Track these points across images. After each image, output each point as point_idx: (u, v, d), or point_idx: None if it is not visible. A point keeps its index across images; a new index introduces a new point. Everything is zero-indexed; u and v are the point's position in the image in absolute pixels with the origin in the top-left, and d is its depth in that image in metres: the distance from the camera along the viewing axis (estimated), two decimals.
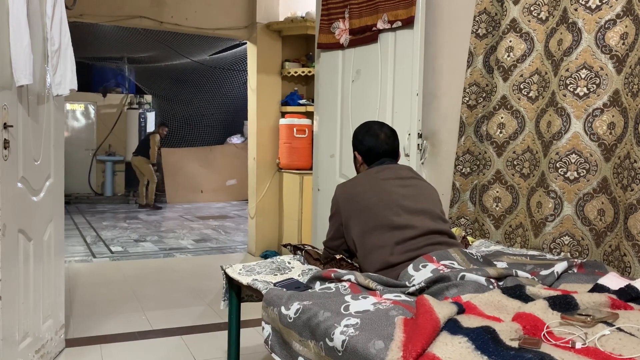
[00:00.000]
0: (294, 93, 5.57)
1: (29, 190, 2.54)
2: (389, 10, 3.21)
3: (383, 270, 2.02)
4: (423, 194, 2.21)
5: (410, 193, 2.17)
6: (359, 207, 2.14)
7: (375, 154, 2.29)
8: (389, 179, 2.19)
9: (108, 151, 10.75)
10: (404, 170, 2.28)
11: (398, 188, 2.16)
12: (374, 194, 2.14)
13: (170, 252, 5.94)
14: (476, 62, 2.98)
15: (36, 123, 2.61)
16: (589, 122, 2.41)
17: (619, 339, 1.28)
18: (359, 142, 2.34)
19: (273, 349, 1.78)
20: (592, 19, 2.38)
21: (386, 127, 2.36)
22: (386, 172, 2.22)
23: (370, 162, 2.30)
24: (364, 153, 2.32)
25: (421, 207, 2.13)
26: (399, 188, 2.16)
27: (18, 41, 2.27)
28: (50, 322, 2.83)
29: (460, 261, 1.91)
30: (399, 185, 2.18)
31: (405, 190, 2.16)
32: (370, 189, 2.16)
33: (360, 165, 2.36)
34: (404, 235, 2.03)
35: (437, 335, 1.32)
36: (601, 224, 2.39)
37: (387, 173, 2.21)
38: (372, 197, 2.13)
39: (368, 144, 2.30)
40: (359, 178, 2.29)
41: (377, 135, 2.30)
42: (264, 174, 5.59)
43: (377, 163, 2.28)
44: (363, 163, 2.33)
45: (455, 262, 1.89)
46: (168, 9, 5.31)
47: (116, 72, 11.09)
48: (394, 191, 2.14)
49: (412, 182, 2.23)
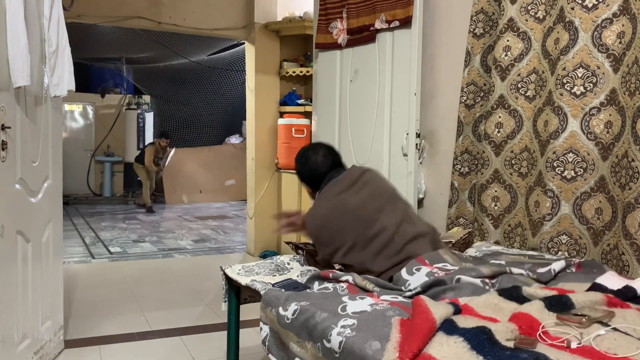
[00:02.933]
0: (292, 93, 5.56)
1: (27, 192, 2.54)
2: (386, 10, 3.22)
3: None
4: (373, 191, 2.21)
5: (365, 195, 2.17)
6: (330, 234, 2.15)
7: (319, 176, 2.31)
8: (342, 192, 2.19)
9: (106, 152, 10.74)
10: (348, 175, 2.27)
11: (353, 197, 2.16)
12: (337, 214, 2.15)
13: (169, 253, 5.94)
14: (474, 62, 2.98)
15: (34, 124, 2.61)
16: (586, 121, 2.41)
17: (613, 339, 1.29)
18: (301, 172, 2.39)
19: (270, 349, 1.79)
20: (589, 17, 2.38)
21: (321, 148, 2.39)
22: (336, 186, 2.22)
23: (318, 186, 2.31)
24: (309, 180, 2.36)
25: (380, 206, 2.14)
26: (353, 196, 2.16)
27: (15, 42, 2.27)
28: (49, 324, 2.83)
29: (452, 261, 1.93)
30: (353, 193, 2.18)
31: (358, 197, 2.16)
32: (332, 211, 2.17)
33: (312, 194, 2.38)
34: (379, 243, 2.05)
35: (433, 335, 1.32)
36: (599, 222, 2.39)
37: (337, 186, 2.22)
38: (337, 217, 2.14)
39: (309, 170, 2.34)
40: (317, 204, 2.29)
41: (314, 158, 2.33)
42: (263, 174, 5.59)
43: (324, 182, 2.29)
44: (313, 191, 2.36)
45: (447, 263, 1.90)
46: (166, 9, 5.30)
47: (114, 73, 11.07)
48: (351, 202, 2.15)
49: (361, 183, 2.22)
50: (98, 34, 7.68)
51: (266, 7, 5.49)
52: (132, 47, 8.53)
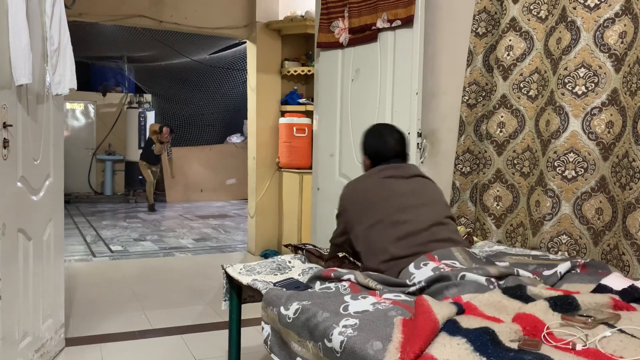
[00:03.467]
0: (294, 92, 5.56)
1: (28, 190, 2.54)
2: (388, 9, 3.21)
3: (386, 263, 2.03)
4: (426, 190, 2.24)
5: (413, 189, 2.20)
6: (364, 204, 2.17)
7: (382, 157, 2.31)
8: (393, 177, 2.22)
9: (108, 150, 10.75)
10: (409, 169, 2.30)
11: (401, 185, 2.19)
12: (378, 190, 2.18)
13: (170, 252, 5.94)
14: (476, 61, 2.98)
15: (35, 122, 2.61)
16: (587, 121, 2.41)
17: (620, 341, 1.26)
18: (368, 146, 2.37)
19: (272, 349, 1.78)
20: (591, 17, 2.38)
21: (396, 131, 2.37)
22: (390, 170, 2.25)
23: (377, 164, 2.32)
24: (372, 156, 2.35)
25: (423, 202, 2.16)
26: (402, 185, 2.19)
27: (17, 40, 2.27)
28: (50, 322, 2.83)
29: (463, 260, 1.91)
30: (402, 182, 2.21)
31: (408, 187, 2.19)
32: (374, 186, 2.20)
33: (367, 168, 2.38)
34: (406, 229, 2.05)
35: (435, 336, 1.31)
36: (599, 222, 2.39)
37: (391, 171, 2.24)
38: (376, 193, 2.17)
39: (376, 148, 2.33)
40: (364, 176, 2.33)
41: (386, 140, 2.32)
42: (264, 173, 5.59)
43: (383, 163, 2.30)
44: (371, 167, 2.35)
45: (457, 261, 1.89)
46: (167, 8, 5.30)
47: (116, 72, 11.08)
48: (396, 188, 2.18)
49: (416, 180, 2.26)
50: (99, 33, 7.67)
51: (268, 6, 5.49)
52: (134, 46, 8.52)
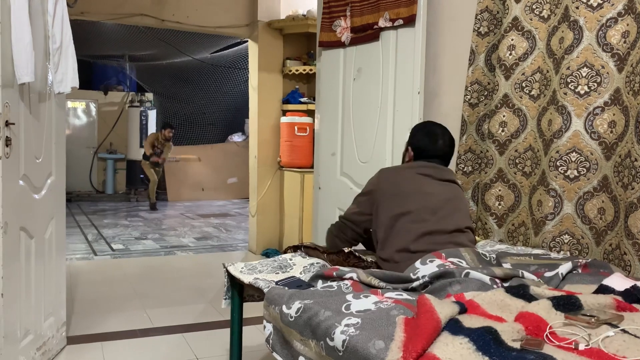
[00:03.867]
0: (295, 91, 5.56)
1: (30, 188, 2.55)
2: (390, 9, 3.21)
3: (401, 253, 2.07)
4: (456, 197, 2.27)
5: (444, 193, 2.22)
6: (397, 192, 2.20)
7: (426, 155, 2.32)
8: (429, 176, 2.24)
9: (109, 149, 10.76)
10: (445, 172, 2.32)
11: (434, 186, 2.22)
12: (412, 184, 2.21)
13: (171, 250, 5.95)
14: (478, 61, 2.97)
15: (37, 121, 2.61)
16: (590, 120, 2.40)
17: (623, 341, 1.26)
18: (416, 140, 2.37)
19: (274, 348, 1.78)
20: (594, 17, 2.37)
21: (447, 134, 2.37)
22: (428, 169, 2.27)
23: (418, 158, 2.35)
24: (416, 150, 2.36)
25: (451, 208, 2.19)
26: (435, 186, 2.22)
27: (19, 39, 2.27)
28: (52, 320, 2.83)
29: (470, 261, 1.92)
30: (436, 183, 2.23)
31: (440, 189, 2.22)
32: (409, 179, 2.23)
33: (409, 160, 2.39)
34: (430, 228, 2.09)
35: (438, 335, 1.31)
36: (601, 222, 2.39)
37: (429, 170, 2.26)
38: (409, 186, 2.20)
39: (424, 145, 2.34)
40: (402, 167, 2.36)
41: (436, 140, 2.33)
42: (265, 172, 5.59)
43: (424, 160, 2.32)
44: (412, 159, 2.37)
45: (464, 260, 1.91)
46: (169, 7, 5.30)
47: (117, 70, 11.08)
48: (429, 187, 2.21)
49: (449, 184, 2.28)
50: (101, 31, 7.68)
51: (269, 5, 5.49)
52: (135, 45, 8.53)
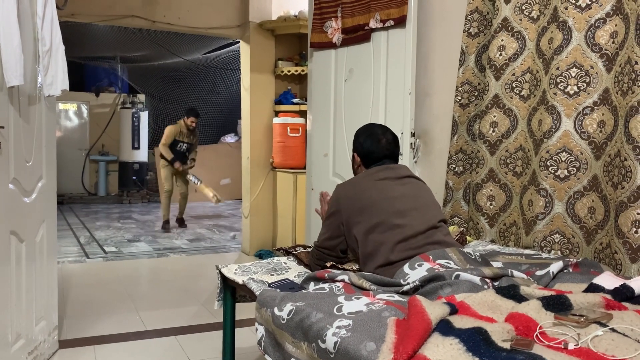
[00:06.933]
0: (288, 92, 5.56)
1: (20, 192, 2.53)
2: (381, 10, 3.22)
3: (383, 267, 2.02)
4: (420, 193, 2.23)
5: (408, 192, 2.19)
6: (361, 206, 2.15)
7: (374, 158, 2.29)
8: (387, 179, 2.20)
9: (101, 151, 10.71)
10: (401, 170, 2.30)
11: (396, 187, 2.18)
12: (374, 192, 2.16)
13: (164, 252, 5.93)
14: (468, 61, 2.99)
15: (27, 124, 2.60)
16: (579, 120, 2.42)
17: (611, 340, 1.27)
18: (359, 144, 2.34)
19: (266, 350, 1.78)
20: (582, 17, 2.39)
21: (389, 132, 2.35)
22: (385, 171, 2.23)
23: (369, 165, 2.31)
24: (363, 155, 2.33)
25: (418, 205, 2.15)
26: (397, 187, 2.18)
27: (8, 42, 2.26)
28: (44, 324, 2.82)
29: (457, 261, 1.91)
30: (397, 184, 2.20)
31: (403, 189, 2.18)
32: (370, 188, 2.18)
33: (358, 167, 2.36)
34: (404, 233, 2.05)
35: (428, 336, 1.32)
36: (592, 221, 2.40)
37: (386, 173, 2.23)
38: (372, 195, 2.15)
39: (369, 147, 2.30)
40: (358, 178, 2.30)
41: (379, 140, 2.30)
42: (258, 173, 5.59)
43: (376, 164, 2.29)
44: (361, 165, 2.34)
45: (451, 261, 1.90)
46: (160, 8, 5.29)
47: (109, 72, 11.03)
48: (392, 190, 2.16)
49: (409, 181, 2.25)
50: (92, 33, 7.64)
51: (261, 6, 5.48)
52: (127, 46, 8.49)
